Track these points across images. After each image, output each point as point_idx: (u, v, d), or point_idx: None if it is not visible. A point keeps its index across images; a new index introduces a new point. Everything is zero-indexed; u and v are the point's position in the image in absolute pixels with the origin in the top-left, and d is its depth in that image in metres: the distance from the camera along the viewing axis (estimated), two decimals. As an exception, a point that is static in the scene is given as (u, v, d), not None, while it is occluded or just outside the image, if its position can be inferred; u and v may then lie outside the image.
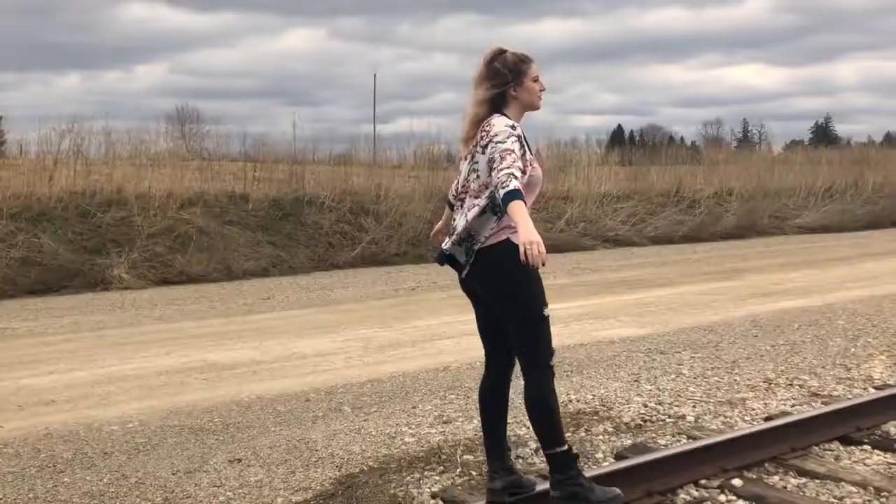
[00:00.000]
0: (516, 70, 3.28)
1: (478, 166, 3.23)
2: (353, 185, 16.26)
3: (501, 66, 3.27)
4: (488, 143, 3.15)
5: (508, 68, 3.27)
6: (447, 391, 5.66)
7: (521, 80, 3.28)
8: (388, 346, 7.43)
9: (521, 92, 3.28)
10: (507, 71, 3.27)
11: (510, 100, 3.28)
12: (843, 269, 12.56)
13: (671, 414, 4.99)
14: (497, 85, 3.25)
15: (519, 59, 3.30)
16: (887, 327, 7.63)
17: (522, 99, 3.30)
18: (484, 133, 3.22)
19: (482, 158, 3.20)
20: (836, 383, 5.65)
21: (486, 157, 3.15)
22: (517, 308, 3.20)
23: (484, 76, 3.28)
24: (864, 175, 22.66)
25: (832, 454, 4.22)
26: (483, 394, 3.50)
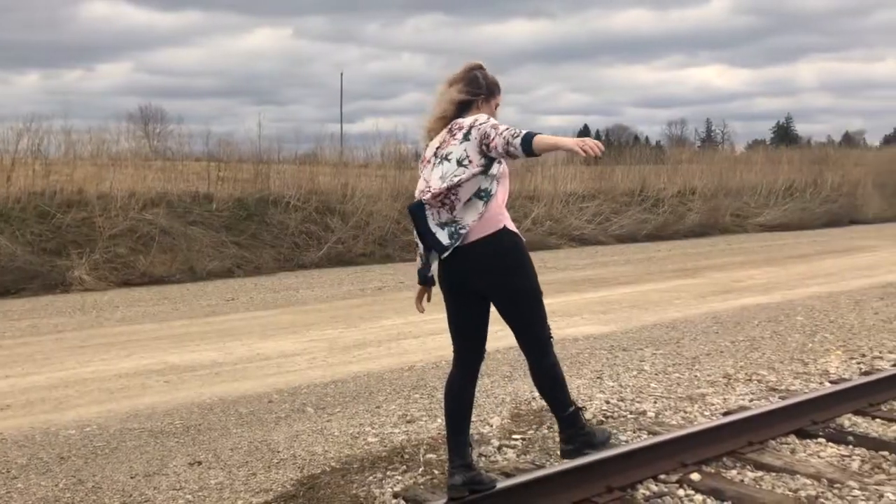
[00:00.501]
0: (490, 88, 3.50)
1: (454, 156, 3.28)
2: (319, 184, 16.18)
3: (481, 78, 3.48)
4: (470, 130, 3.29)
5: (486, 82, 3.49)
6: (411, 390, 5.66)
7: (490, 98, 3.50)
8: (353, 347, 7.40)
9: (486, 107, 3.47)
10: (484, 84, 3.48)
11: (474, 109, 3.45)
12: (802, 267, 12.78)
13: (633, 410, 5.04)
14: (471, 91, 3.44)
15: (495, 81, 3.54)
16: (844, 323, 7.78)
17: (483, 114, 3.43)
18: (456, 128, 3.34)
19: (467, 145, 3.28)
20: (793, 378, 5.75)
21: (474, 140, 3.27)
22: (523, 289, 3.37)
23: (461, 79, 3.46)
24: (822, 174, 23.07)
25: (788, 447, 4.30)
26: (451, 390, 3.56)
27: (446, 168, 3.28)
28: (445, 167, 3.29)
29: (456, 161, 3.28)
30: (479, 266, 3.33)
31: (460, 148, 3.29)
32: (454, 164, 3.28)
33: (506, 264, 3.33)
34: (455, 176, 3.25)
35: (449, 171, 3.27)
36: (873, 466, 4.01)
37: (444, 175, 3.27)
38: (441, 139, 3.39)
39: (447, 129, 3.39)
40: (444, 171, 3.28)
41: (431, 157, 3.39)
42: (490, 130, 3.22)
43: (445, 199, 3.27)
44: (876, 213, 23.10)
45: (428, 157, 3.42)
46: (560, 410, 3.53)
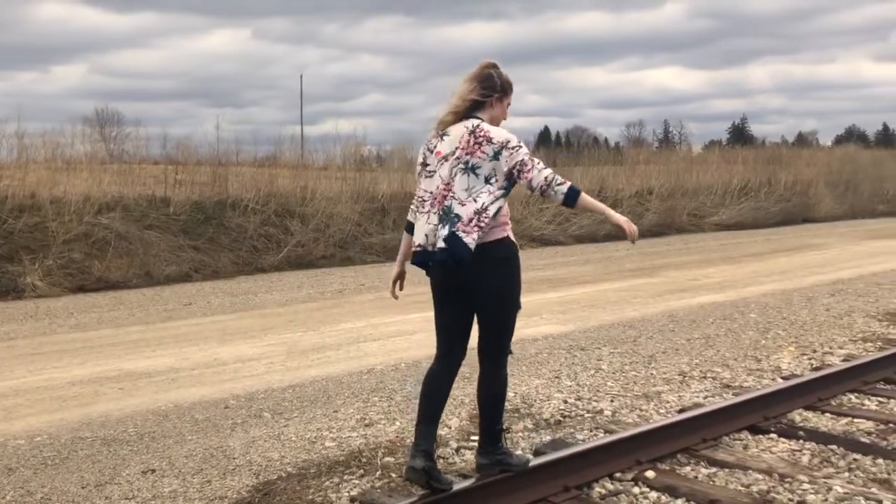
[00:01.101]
0: (504, 87, 3.62)
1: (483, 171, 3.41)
2: (278, 187, 16.05)
3: (496, 77, 3.59)
4: (501, 150, 3.40)
5: (500, 81, 3.60)
6: (370, 394, 5.64)
7: (503, 97, 3.61)
8: (311, 350, 7.36)
9: (499, 107, 3.59)
10: (499, 83, 3.59)
11: (488, 108, 3.57)
12: (756, 265, 13.01)
13: (590, 409, 5.08)
14: (487, 88, 3.54)
15: (509, 80, 3.65)
16: (796, 319, 7.94)
17: (496, 112, 3.58)
18: (482, 138, 3.43)
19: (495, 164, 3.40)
20: (746, 374, 5.85)
21: (504, 163, 3.40)
22: (507, 298, 3.50)
23: (478, 77, 3.57)
24: (776, 173, 23.50)
25: (741, 443, 4.37)
26: (430, 382, 3.66)
27: (472, 182, 3.39)
28: (471, 180, 3.40)
29: (484, 178, 3.41)
30: (478, 269, 3.40)
31: (489, 165, 3.41)
32: (482, 181, 3.40)
33: (502, 271, 3.46)
34: (481, 193, 3.37)
35: (476, 186, 3.39)
36: (822, 460, 4.09)
37: (471, 189, 3.38)
38: (459, 138, 3.45)
39: (469, 132, 3.45)
40: (471, 185, 3.39)
41: (450, 155, 3.45)
42: (527, 162, 3.38)
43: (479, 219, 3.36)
44: (828, 211, 23.62)
45: (445, 152, 3.47)
46: (491, 423, 3.63)
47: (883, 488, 3.70)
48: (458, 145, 3.45)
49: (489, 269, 3.44)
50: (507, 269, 3.48)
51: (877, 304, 8.74)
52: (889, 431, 4.47)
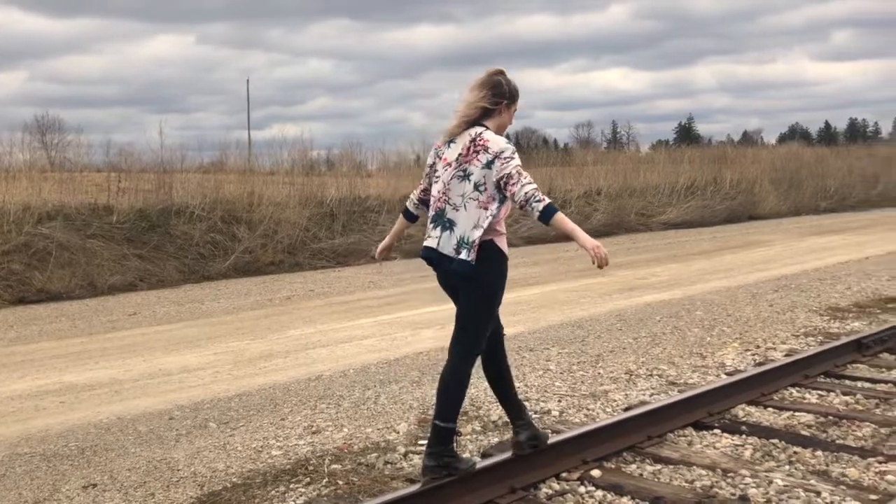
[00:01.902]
0: (513, 94, 3.69)
1: (474, 178, 3.52)
2: (224, 192, 15.83)
3: (504, 84, 3.65)
4: (494, 160, 3.48)
5: (509, 88, 3.66)
6: (318, 400, 5.58)
7: (511, 104, 3.68)
8: (259, 358, 7.26)
9: (506, 113, 3.67)
10: (507, 90, 3.66)
11: (496, 114, 3.64)
12: (702, 263, 13.23)
13: (537, 410, 5.10)
14: (496, 95, 3.61)
15: (516, 87, 3.72)
16: (740, 316, 8.08)
17: (504, 119, 3.67)
18: (480, 147, 3.53)
19: (486, 172, 3.50)
20: (692, 371, 5.93)
21: (495, 172, 3.47)
22: (482, 297, 3.60)
23: (486, 84, 3.63)
24: (722, 172, 23.95)
25: (686, 440, 4.42)
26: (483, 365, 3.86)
27: (466, 188, 3.52)
28: (466, 187, 3.52)
29: (474, 184, 3.51)
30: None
31: (481, 173, 3.51)
32: (472, 187, 3.51)
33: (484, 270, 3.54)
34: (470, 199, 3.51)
35: (468, 191, 3.51)
36: (764, 454, 4.16)
37: (465, 194, 3.51)
38: (462, 145, 3.58)
39: (471, 140, 3.56)
40: (465, 191, 3.52)
41: (454, 162, 3.58)
42: (514, 174, 3.42)
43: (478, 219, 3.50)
44: (772, 208, 24.13)
45: (450, 159, 3.60)
46: (443, 419, 3.62)
47: (821, 480, 3.78)
48: (460, 152, 3.57)
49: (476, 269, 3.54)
50: (487, 271, 3.54)
51: (818, 299, 8.95)
52: (828, 424, 4.57)
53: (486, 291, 3.60)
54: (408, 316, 9.23)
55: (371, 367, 6.62)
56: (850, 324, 7.52)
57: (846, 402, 4.99)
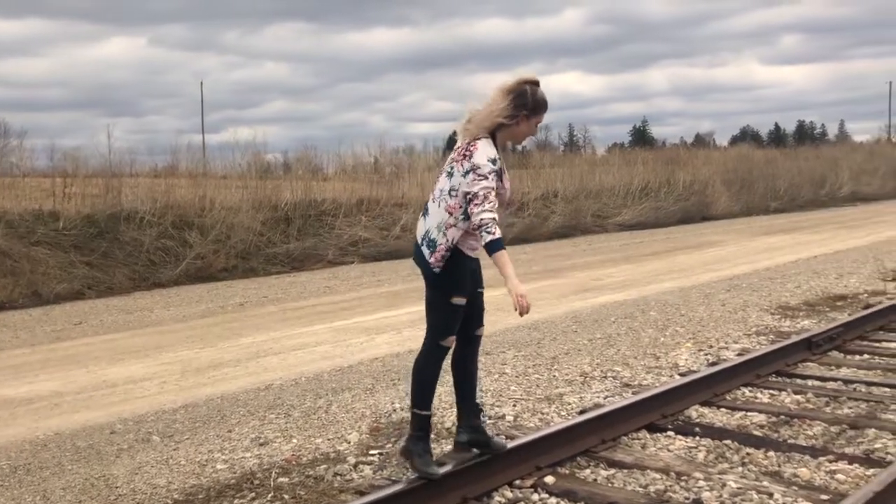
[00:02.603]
0: (537, 106, 3.65)
1: (453, 181, 3.58)
2: (175, 197, 15.51)
3: (529, 94, 3.62)
4: (470, 171, 3.51)
5: (533, 100, 3.63)
6: (267, 411, 5.43)
7: (532, 116, 3.65)
8: (208, 368, 7.07)
9: (524, 125, 3.65)
10: (530, 101, 3.63)
11: (514, 125, 3.63)
12: (656, 263, 13.31)
13: (492, 415, 5.02)
14: (518, 107, 3.59)
15: (544, 100, 3.68)
16: (693, 316, 8.11)
17: (521, 129, 3.67)
18: (468, 153, 3.55)
19: (462, 180, 3.54)
20: (645, 372, 5.91)
21: (468, 182, 3.51)
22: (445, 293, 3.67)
23: (512, 91, 3.61)
24: (675, 174, 24.20)
25: (639, 443, 4.38)
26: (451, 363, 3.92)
27: (444, 186, 3.60)
28: (445, 185, 3.60)
29: (450, 187, 3.57)
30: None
31: (458, 178, 3.55)
32: (448, 187, 3.58)
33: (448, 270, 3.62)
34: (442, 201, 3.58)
35: (444, 189, 3.59)
36: (717, 456, 4.14)
37: (442, 191, 3.60)
38: (461, 143, 3.63)
39: (467, 143, 3.59)
40: (443, 188, 3.60)
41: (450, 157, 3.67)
42: (479, 195, 3.45)
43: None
44: (724, 209, 24.44)
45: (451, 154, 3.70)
46: (416, 406, 3.74)
47: (774, 481, 3.76)
48: (457, 148, 3.65)
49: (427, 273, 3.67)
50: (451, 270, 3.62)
51: (769, 298, 9.03)
52: (780, 424, 4.57)
53: (445, 289, 3.67)
54: (363, 321, 9.10)
55: (324, 374, 6.48)
56: (801, 322, 7.59)
57: (797, 402, 5.00)
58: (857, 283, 9.87)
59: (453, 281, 3.65)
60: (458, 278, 3.67)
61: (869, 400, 4.94)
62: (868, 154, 36.13)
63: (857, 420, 4.53)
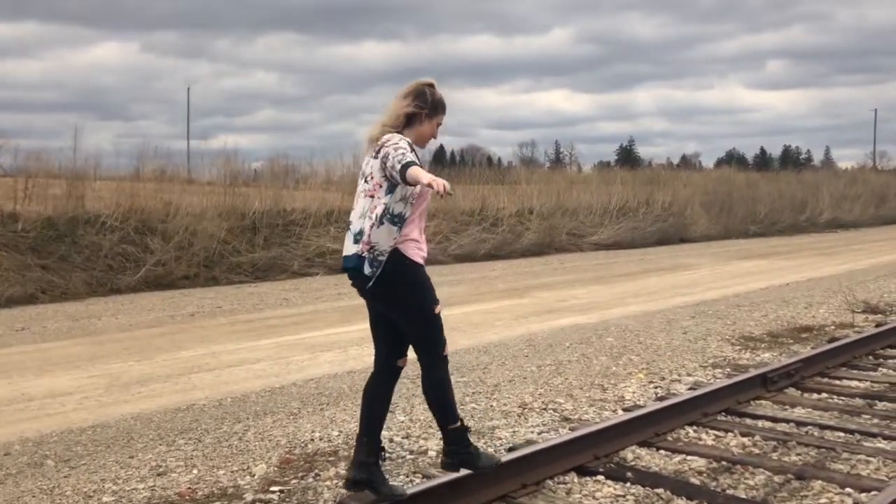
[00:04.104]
0: (435, 105, 3.63)
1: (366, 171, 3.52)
2: (140, 202, 15.11)
3: (428, 94, 3.61)
4: (380, 149, 3.44)
5: (432, 99, 3.62)
6: (178, 435, 5.06)
7: (433, 115, 3.63)
8: (136, 383, 6.69)
9: (427, 124, 3.62)
10: (430, 100, 3.61)
11: (416, 124, 3.60)
12: (626, 285, 13.01)
13: (414, 449, 4.67)
14: (418, 105, 3.57)
15: (441, 100, 3.67)
16: (651, 343, 7.80)
17: (423, 130, 3.63)
18: (379, 146, 3.47)
19: (373, 163, 3.47)
20: (588, 405, 5.57)
21: (379, 159, 3.42)
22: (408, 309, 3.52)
23: (412, 93, 3.60)
24: (654, 194, 23.97)
25: (564, 488, 4.03)
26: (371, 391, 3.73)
27: (360, 186, 3.52)
28: (360, 185, 3.53)
29: (363, 177, 3.51)
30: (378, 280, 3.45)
31: (369, 165, 3.50)
32: (362, 180, 3.52)
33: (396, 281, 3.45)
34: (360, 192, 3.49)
35: (360, 186, 3.52)
36: (646, 505, 3.80)
37: (358, 192, 3.52)
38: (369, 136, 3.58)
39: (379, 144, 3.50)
40: (359, 189, 3.52)
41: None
42: (391, 151, 3.35)
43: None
44: (703, 231, 24.23)
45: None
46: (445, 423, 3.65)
47: (702, 537, 3.43)
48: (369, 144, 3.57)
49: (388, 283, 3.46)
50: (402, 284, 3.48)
51: (733, 327, 8.74)
52: (721, 471, 4.24)
53: (414, 308, 3.53)
54: (312, 337, 8.74)
55: (251, 395, 6.12)
56: (761, 355, 7.28)
57: (743, 445, 4.67)
58: (825, 314, 9.59)
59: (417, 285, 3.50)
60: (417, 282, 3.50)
61: (820, 446, 4.61)
62: (850, 180, 36.09)
63: (804, 469, 4.21)
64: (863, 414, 5.31)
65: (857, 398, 5.76)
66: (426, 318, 3.53)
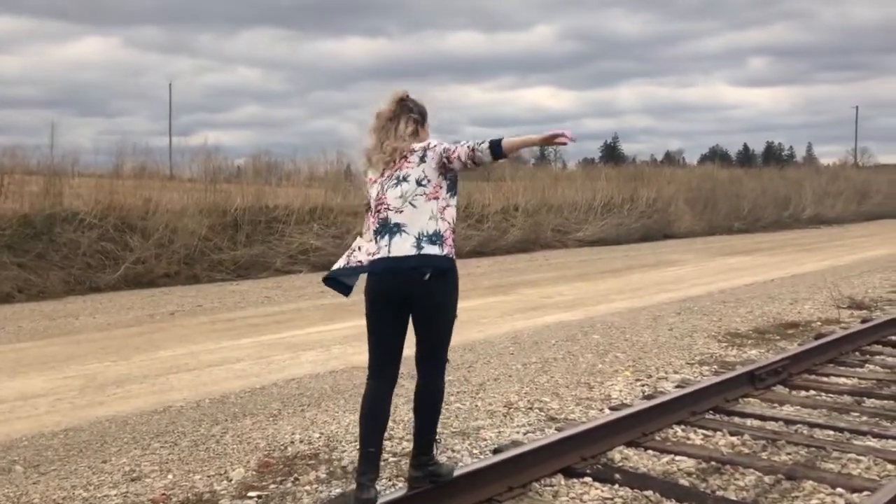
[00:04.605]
0: (423, 113, 3.68)
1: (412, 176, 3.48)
2: (119, 199, 14.88)
3: (414, 106, 3.64)
4: (424, 153, 3.50)
5: (419, 110, 3.66)
6: (154, 438, 4.91)
7: (425, 120, 3.68)
8: (112, 384, 6.53)
9: (423, 131, 3.66)
10: (419, 111, 3.65)
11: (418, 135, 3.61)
12: (611, 282, 12.95)
13: (398, 451, 4.55)
14: (416, 120, 3.61)
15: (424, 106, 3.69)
16: (637, 340, 7.71)
17: (423, 137, 3.64)
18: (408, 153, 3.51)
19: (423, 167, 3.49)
20: (575, 404, 5.47)
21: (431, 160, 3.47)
22: (450, 312, 3.59)
23: (400, 115, 3.59)
24: (638, 191, 23.94)
25: (551, 490, 3.92)
26: (375, 404, 3.67)
27: (406, 188, 3.47)
28: (405, 187, 3.48)
29: (416, 181, 3.48)
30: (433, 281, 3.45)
31: (417, 170, 3.49)
32: (413, 184, 3.47)
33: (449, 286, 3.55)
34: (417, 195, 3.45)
35: (409, 190, 3.47)
36: (635, 508, 3.71)
37: (405, 194, 3.47)
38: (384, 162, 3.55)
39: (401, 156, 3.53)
40: (405, 191, 3.47)
41: (379, 175, 3.55)
42: (449, 147, 3.46)
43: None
44: (687, 227, 24.24)
45: (376, 177, 3.57)
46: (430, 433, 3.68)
47: (693, 541, 3.33)
48: (383, 167, 3.55)
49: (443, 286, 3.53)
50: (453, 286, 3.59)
51: (719, 324, 8.67)
52: (710, 471, 4.14)
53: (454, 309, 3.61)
54: (294, 336, 8.60)
55: (231, 396, 5.98)
56: (748, 352, 7.22)
57: (732, 444, 4.58)
58: (811, 310, 9.56)
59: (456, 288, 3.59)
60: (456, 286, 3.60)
61: (810, 445, 4.53)
62: (832, 177, 36.26)
63: (795, 469, 4.12)
64: (852, 411, 5.24)
65: (846, 395, 5.70)
66: (454, 319, 3.65)
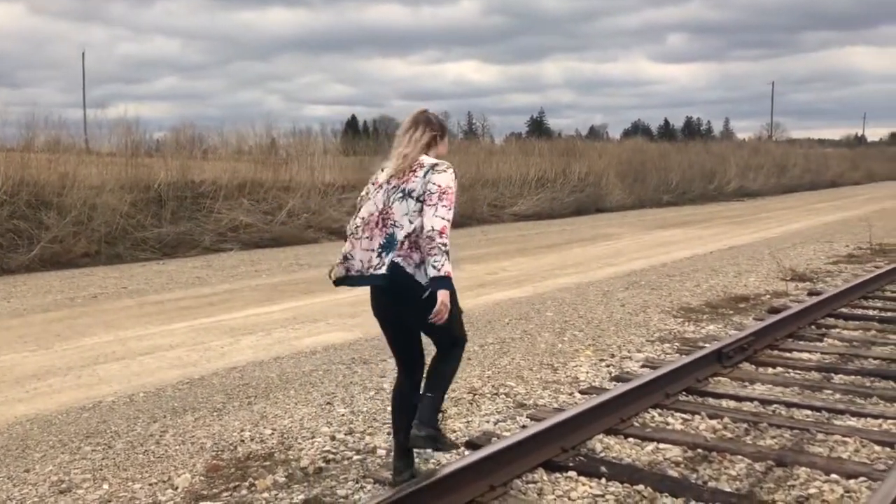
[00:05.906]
0: (443, 126, 3.71)
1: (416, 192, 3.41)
2: (31, 174, 13.89)
3: (434, 119, 3.66)
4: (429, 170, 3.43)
5: (439, 122, 3.69)
6: (84, 440, 4.40)
7: (444, 135, 3.69)
8: (31, 377, 5.93)
9: (441, 145, 3.65)
10: (438, 124, 3.67)
11: (434, 147, 3.60)
12: (552, 257, 12.76)
13: (360, 448, 4.17)
14: (433, 130, 3.60)
15: (444, 121, 3.78)
16: (592, 317, 7.49)
17: (441, 151, 3.64)
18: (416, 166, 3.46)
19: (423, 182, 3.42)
20: (542, 389, 5.18)
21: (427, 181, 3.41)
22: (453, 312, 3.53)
23: (419, 122, 3.59)
24: (571, 165, 23.88)
25: (535, 488, 3.61)
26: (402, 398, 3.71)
27: (410, 205, 3.41)
28: (410, 204, 3.41)
29: (416, 198, 3.41)
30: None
31: (421, 186, 3.42)
32: (415, 201, 3.40)
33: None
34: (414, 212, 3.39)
35: (412, 208, 3.40)
36: (629, 505, 3.43)
37: (409, 212, 3.41)
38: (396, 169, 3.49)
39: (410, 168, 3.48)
40: (410, 208, 3.41)
41: (385, 183, 3.48)
42: (434, 193, 3.36)
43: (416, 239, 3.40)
44: (618, 201, 24.34)
45: (381, 181, 3.52)
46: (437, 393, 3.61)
47: (698, 542, 3.07)
48: (392, 174, 3.50)
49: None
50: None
51: (670, 298, 8.54)
52: (698, 459, 3.91)
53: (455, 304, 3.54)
54: (231, 319, 8.08)
55: (168, 388, 5.48)
56: (706, 327, 7.07)
57: (713, 429, 4.35)
58: (756, 283, 9.53)
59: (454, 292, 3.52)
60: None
61: (792, 427, 4.35)
62: (753, 151, 37.11)
63: (784, 455, 3.92)
64: (824, 389, 5.11)
65: (813, 371, 5.58)
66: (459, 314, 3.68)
